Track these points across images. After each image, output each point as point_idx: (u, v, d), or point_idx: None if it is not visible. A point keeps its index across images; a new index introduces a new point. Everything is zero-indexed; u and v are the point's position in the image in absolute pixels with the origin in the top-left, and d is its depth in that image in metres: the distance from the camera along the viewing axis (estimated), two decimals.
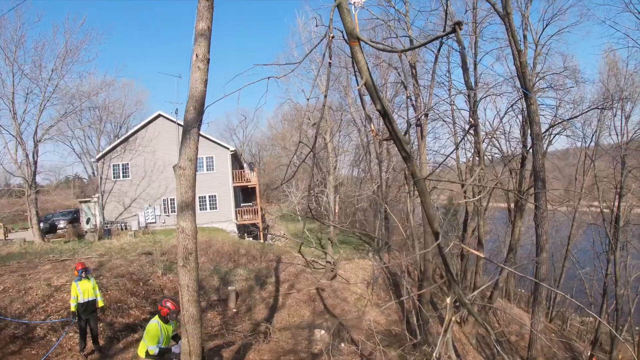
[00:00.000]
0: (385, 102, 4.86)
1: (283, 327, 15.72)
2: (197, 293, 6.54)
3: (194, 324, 6.51)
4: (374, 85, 4.88)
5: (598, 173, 29.84)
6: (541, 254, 16.09)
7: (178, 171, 6.75)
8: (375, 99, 4.85)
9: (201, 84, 6.90)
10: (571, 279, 34.44)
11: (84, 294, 10.73)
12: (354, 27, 4.77)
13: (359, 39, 4.77)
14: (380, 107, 4.79)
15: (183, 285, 6.49)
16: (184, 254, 6.49)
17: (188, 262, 6.51)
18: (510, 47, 16.85)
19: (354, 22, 4.85)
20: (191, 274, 6.51)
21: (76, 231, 30.47)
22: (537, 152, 16.51)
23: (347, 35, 4.82)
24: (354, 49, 4.82)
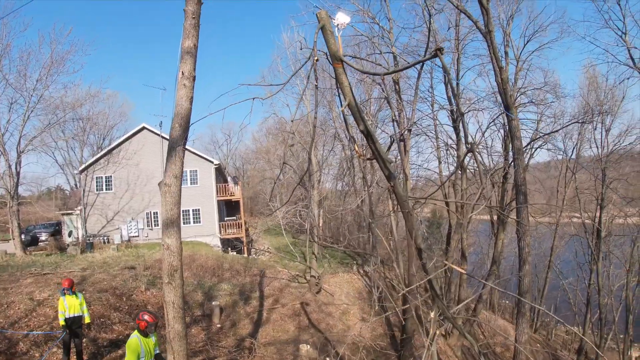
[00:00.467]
0: (368, 123, 4.95)
1: (268, 343, 15.67)
2: (183, 310, 6.53)
3: (180, 340, 6.49)
4: (357, 106, 4.97)
5: (579, 185, 30.36)
6: (524, 267, 16.27)
7: (163, 188, 6.77)
8: (359, 120, 4.94)
9: (187, 102, 6.93)
10: (555, 290, 34.81)
11: (70, 309, 10.70)
12: (337, 49, 4.85)
13: (343, 61, 4.86)
14: (364, 127, 4.89)
15: (168, 302, 6.47)
16: (169, 270, 6.49)
17: (173, 279, 6.50)
18: (492, 64, 17.16)
19: (337, 44, 4.94)
20: (176, 291, 6.50)
21: (58, 244, 30.05)
22: (518, 166, 16.75)
23: (331, 57, 4.90)
24: (337, 71, 4.90)
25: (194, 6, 6.89)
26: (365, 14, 19.95)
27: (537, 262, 34.89)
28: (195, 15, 6.91)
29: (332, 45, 4.87)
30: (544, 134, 26.43)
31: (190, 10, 6.86)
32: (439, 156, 28.40)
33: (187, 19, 6.85)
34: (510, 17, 24.58)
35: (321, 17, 4.95)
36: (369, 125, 5.01)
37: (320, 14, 4.98)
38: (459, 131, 24.37)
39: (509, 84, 18.16)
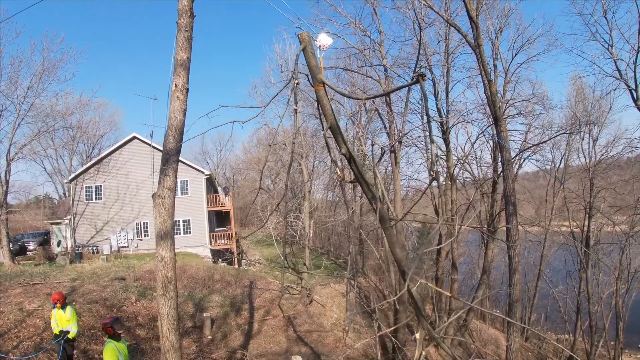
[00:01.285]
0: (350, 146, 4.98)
1: (259, 354, 15.62)
2: (177, 321, 6.55)
3: (174, 352, 6.50)
4: (339, 129, 5.00)
5: (568, 194, 30.62)
6: (514, 276, 16.37)
7: (157, 200, 6.79)
8: (341, 143, 4.96)
9: (180, 114, 6.99)
10: (545, 298, 34.99)
11: (59, 323, 10.72)
12: (319, 71, 4.88)
13: (324, 83, 4.89)
14: (346, 150, 4.91)
15: (163, 313, 6.49)
16: (164, 282, 6.51)
17: (167, 290, 6.52)
18: (481, 77, 17.35)
19: (319, 65, 4.96)
20: (170, 303, 6.52)
21: (47, 254, 29.77)
22: (507, 177, 16.91)
23: (312, 79, 4.92)
24: (319, 93, 4.92)
25: (187, 19, 6.98)
26: (357, 26, 20.17)
27: (527, 271, 35.13)
28: (188, 28, 6.99)
29: (313, 67, 4.88)
30: (532, 145, 26.76)
31: (183, 24, 6.95)
32: (429, 167, 28.58)
33: (180, 32, 6.93)
34: (499, 31, 24.96)
35: (303, 39, 4.96)
36: (350, 148, 5.05)
37: (302, 35, 5.00)
38: (449, 142, 24.62)
39: (498, 96, 18.41)
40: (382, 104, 22.07)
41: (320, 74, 4.89)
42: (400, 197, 19.58)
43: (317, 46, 5.22)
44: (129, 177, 33.27)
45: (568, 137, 29.92)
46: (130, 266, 24.25)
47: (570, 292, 32.26)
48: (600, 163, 28.83)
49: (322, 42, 5.21)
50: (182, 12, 6.95)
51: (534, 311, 33.51)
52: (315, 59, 4.95)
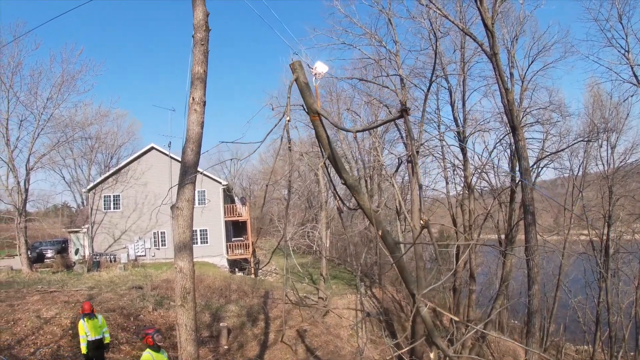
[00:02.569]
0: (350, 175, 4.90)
1: None
2: (195, 332, 6.57)
3: None
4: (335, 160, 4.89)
5: (586, 202, 30.22)
6: (533, 286, 16.19)
7: (176, 212, 6.83)
8: (340, 172, 4.87)
9: (198, 126, 7.04)
10: (564, 308, 34.37)
11: (91, 332, 10.74)
12: (313, 102, 4.76)
13: (319, 114, 4.78)
14: (345, 180, 4.82)
15: (181, 324, 6.51)
16: (182, 293, 6.53)
17: (186, 301, 6.54)
18: (498, 85, 17.28)
19: (313, 95, 4.85)
20: (189, 313, 6.54)
21: (64, 262, 30.02)
22: (525, 186, 16.76)
23: (307, 110, 4.83)
24: (314, 123, 4.83)
25: (203, 33, 7.04)
26: (372, 37, 20.19)
27: (546, 281, 34.48)
28: (204, 42, 7.05)
29: (307, 97, 4.78)
30: (550, 153, 26.50)
31: (199, 38, 7.01)
32: (446, 177, 28.45)
33: (196, 45, 6.99)
34: (514, 38, 24.83)
35: (295, 68, 4.87)
36: (351, 177, 4.96)
37: (294, 65, 4.90)
38: (466, 152, 24.48)
39: (515, 105, 18.27)
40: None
41: (315, 104, 4.79)
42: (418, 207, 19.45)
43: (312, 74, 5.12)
44: (147, 186, 33.54)
45: (586, 144, 29.58)
46: (147, 275, 24.41)
47: (590, 302, 31.69)
48: (618, 170, 28.47)
49: (318, 70, 5.09)
50: (197, 26, 7.02)
51: (553, 322, 32.89)
52: (309, 88, 4.83)
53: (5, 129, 25.76)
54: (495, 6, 16.05)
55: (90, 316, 10.85)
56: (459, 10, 21.41)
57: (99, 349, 11.03)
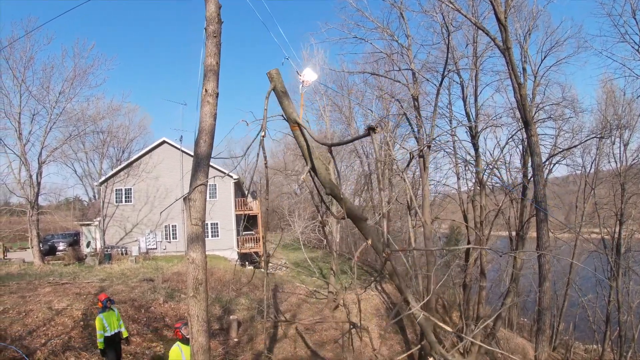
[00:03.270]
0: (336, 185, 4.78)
1: (285, 358, 15.64)
2: (207, 323, 6.57)
3: (204, 354, 6.52)
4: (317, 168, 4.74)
5: (598, 200, 29.94)
6: (544, 284, 16.09)
7: (188, 203, 6.84)
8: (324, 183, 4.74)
9: (211, 118, 7.02)
10: (574, 307, 34.15)
11: (111, 326, 10.64)
12: (292, 111, 4.65)
13: (298, 124, 4.66)
14: (329, 190, 4.71)
15: (193, 315, 6.52)
16: (194, 284, 6.53)
17: (198, 292, 6.55)
18: (511, 80, 17.14)
19: (293, 104, 4.72)
20: (201, 304, 6.55)
21: (76, 254, 30.29)
22: (538, 182, 16.63)
23: (287, 119, 4.73)
24: (295, 133, 4.71)
25: (215, 26, 7.03)
26: (384, 31, 20.10)
27: (556, 279, 34.26)
28: (216, 34, 7.04)
29: (286, 106, 4.67)
30: (562, 150, 26.28)
31: (211, 30, 7.00)
32: (457, 172, 28.29)
33: (208, 38, 6.98)
34: (527, 33, 24.59)
35: (272, 77, 4.75)
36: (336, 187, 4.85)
37: (271, 73, 4.78)
38: (478, 147, 24.31)
39: (527, 100, 18.12)
40: (410, 108, 21.94)
41: (295, 113, 4.68)
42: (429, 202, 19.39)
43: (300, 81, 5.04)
44: (158, 180, 33.74)
45: (598, 141, 29.31)
46: (158, 268, 24.57)
47: (600, 300, 31.42)
48: (631, 168, 28.15)
49: (305, 77, 5.02)
50: (210, 19, 7.01)
51: (563, 320, 32.70)
52: (287, 98, 4.72)
53: (17, 122, 26.00)
54: (508, 0, 15.92)
55: (109, 309, 10.80)
56: (472, 4, 21.23)
57: (117, 342, 10.98)
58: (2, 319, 12.80)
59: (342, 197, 4.71)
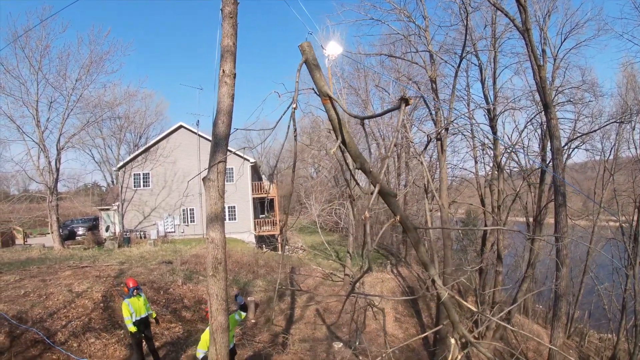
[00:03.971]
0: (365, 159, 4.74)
1: (301, 339, 15.77)
2: (226, 302, 6.67)
3: (223, 332, 6.62)
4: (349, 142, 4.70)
5: (617, 187, 29.49)
6: (561, 270, 15.90)
7: (207, 183, 6.90)
8: (355, 157, 4.73)
9: (228, 98, 7.05)
10: (590, 295, 33.83)
11: (137, 312, 10.67)
12: (324, 84, 4.59)
13: (330, 97, 4.63)
14: (360, 165, 4.68)
15: (212, 294, 6.62)
16: (214, 263, 6.63)
17: (217, 271, 6.65)
18: (530, 62, 16.84)
19: (324, 77, 4.68)
20: (220, 283, 6.64)
21: (95, 238, 30.78)
22: (557, 166, 16.41)
23: (318, 92, 4.69)
24: (326, 107, 4.66)
25: (231, 6, 7.01)
26: (401, 12, 19.83)
27: (573, 266, 33.91)
28: (232, 15, 7.03)
29: (317, 79, 4.61)
30: (582, 134, 25.87)
31: (227, 11, 6.99)
32: (475, 156, 28.00)
33: (224, 19, 6.97)
34: (547, 15, 24.13)
35: (304, 50, 4.69)
36: (366, 162, 4.81)
37: (303, 46, 4.72)
38: (496, 130, 24.05)
39: (547, 82, 17.82)
40: (427, 90, 21.73)
41: (326, 86, 4.62)
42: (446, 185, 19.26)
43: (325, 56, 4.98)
44: (175, 164, 34.03)
45: (618, 126, 28.72)
46: (176, 251, 24.86)
47: (616, 289, 31.05)
48: None
49: (330, 51, 4.95)
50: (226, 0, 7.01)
51: (578, 308, 32.42)
52: (319, 70, 4.67)
53: (35, 110, 26.30)
54: None
55: (136, 294, 10.83)
56: None
57: (146, 326, 11.06)
58: (23, 302, 13.00)
59: (371, 172, 4.69)
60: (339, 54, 4.76)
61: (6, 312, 11.77)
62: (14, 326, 11.34)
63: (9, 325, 11.26)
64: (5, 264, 18.67)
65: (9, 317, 11.58)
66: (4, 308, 12.02)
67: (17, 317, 11.74)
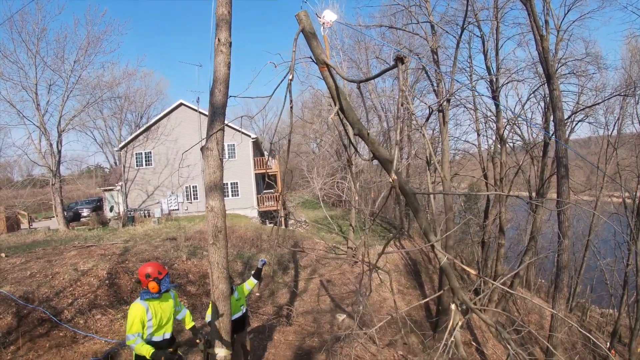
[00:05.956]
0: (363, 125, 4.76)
1: (305, 312, 15.91)
2: (227, 270, 6.69)
3: (224, 300, 6.67)
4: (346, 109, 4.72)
5: (620, 162, 29.39)
6: (563, 241, 15.95)
7: (206, 152, 6.88)
8: (353, 123, 4.74)
9: (224, 67, 6.99)
10: (592, 270, 33.98)
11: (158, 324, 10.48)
12: (321, 52, 4.60)
13: (327, 65, 4.61)
14: (357, 130, 4.68)
15: (213, 262, 6.65)
16: (214, 231, 6.64)
17: (218, 239, 6.66)
18: (533, 33, 16.69)
19: (321, 46, 4.68)
20: (221, 252, 6.65)
21: (100, 219, 30.90)
22: (560, 137, 16.36)
23: (316, 60, 4.67)
24: (323, 74, 4.67)
25: None
26: None
27: (575, 241, 34.03)
28: None
29: (314, 47, 4.61)
30: (585, 107, 25.71)
31: None
32: (477, 128, 27.88)
33: None
34: None
35: (300, 19, 4.66)
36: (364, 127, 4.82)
37: (299, 15, 4.69)
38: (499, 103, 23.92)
39: (550, 54, 17.64)
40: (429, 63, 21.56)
41: (324, 54, 4.61)
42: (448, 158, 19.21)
43: (320, 23, 4.95)
44: (177, 142, 33.95)
45: (622, 100, 28.55)
46: (180, 227, 24.99)
47: (618, 264, 31.16)
48: None
49: (326, 18, 4.92)
50: None
51: (580, 282, 32.58)
52: (316, 38, 4.65)
53: (34, 94, 26.18)
54: None
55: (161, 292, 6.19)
56: None
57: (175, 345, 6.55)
58: (30, 282, 13.11)
59: (369, 137, 4.71)
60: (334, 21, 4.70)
61: (13, 293, 11.89)
62: (21, 306, 11.45)
63: (16, 306, 11.37)
64: (11, 248, 18.78)
65: (16, 297, 11.69)
66: (11, 289, 12.13)
67: (23, 297, 11.86)
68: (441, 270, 21.10)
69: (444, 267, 4.93)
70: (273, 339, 12.18)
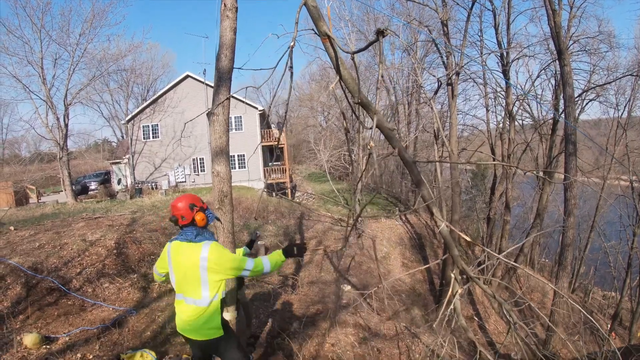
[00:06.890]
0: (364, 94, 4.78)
1: (310, 282, 16.04)
2: (232, 235, 6.76)
3: None
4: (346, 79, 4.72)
5: (629, 143, 29.11)
6: (568, 219, 15.95)
7: (212, 117, 6.88)
8: (354, 92, 4.75)
9: (231, 32, 6.95)
10: (596, 251, 33.94)
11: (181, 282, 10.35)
12: (323, 24, 4.58)
13: (329, 37, 4.61)
14: (358, 99, 4.70)
15: (218, 227, 6.73)
16: (220, 196, 6.69)
17: (223, 204, 6.71)
18: (545, 7, 16.47)
19: (323, 18, 4.67)
20: (226, 216, 6.71)
21: (108, 192, 31.17)
22: (569, 114, 16.23)
23: (318, 32, 4.66)
24: (325, 45, 4.65)
25: None
26: None
27: (580, 221, 33.95)
28: None
29: (317, 20, 4.58)
30: (596, 85, 25.39)
31: None
32: (486, 104, 27.61)
33: None
34: None
35: None
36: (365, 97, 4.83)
37: None
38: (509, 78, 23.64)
39: (562, 31, 17.38)
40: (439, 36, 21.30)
41: (325, 26, 4.60)
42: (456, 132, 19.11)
43: None
44: (184, 114, 33.96)
45: (634, 81, 28.10)
46: None
47: (623, 247, 31.15)
48: None
49: None
50: None
51: (584, 264, 32.61)
52: (318, 11, 4.65)
53: (40, 68, 26.26)
54: None
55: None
56: None
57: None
58: (38, 253, 13.19)
59: (370, 106, 4.74)
60: None
61: (22, 264, 12.01)
62: (30, 277, 11.56)
63: (25, 276, 11.48)
64: (20, 221, 18.95)
65: (25, 268, 11.83)
66: (20, 260, 12.23)
67: (32, 268, 11.97)
68: (445, 245, 21.21)
69: (443, 234, 4.95)
70: (277, 306, 12.34)
